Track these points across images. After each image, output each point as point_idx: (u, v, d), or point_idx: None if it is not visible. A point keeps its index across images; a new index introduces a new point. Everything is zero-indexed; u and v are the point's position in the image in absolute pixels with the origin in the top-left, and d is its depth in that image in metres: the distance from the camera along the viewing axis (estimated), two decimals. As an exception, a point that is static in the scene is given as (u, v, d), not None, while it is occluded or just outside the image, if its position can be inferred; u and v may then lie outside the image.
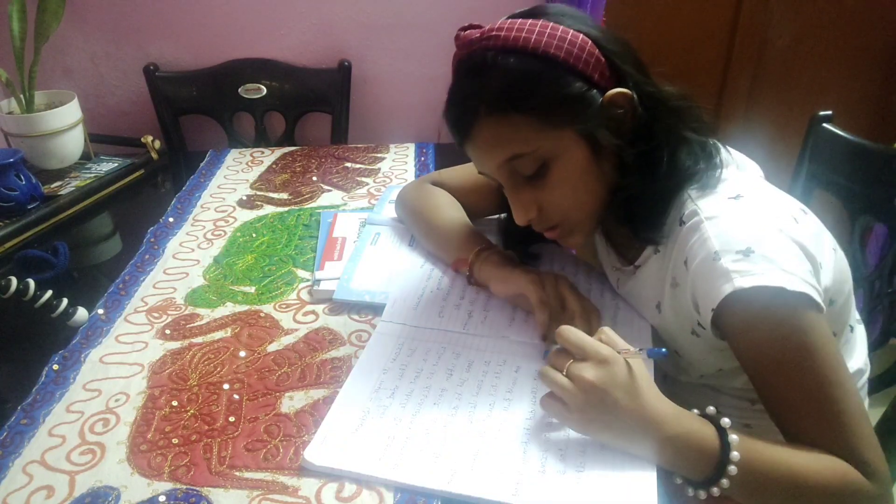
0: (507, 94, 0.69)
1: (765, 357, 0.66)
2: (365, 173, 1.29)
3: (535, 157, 0.72)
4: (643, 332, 0.82)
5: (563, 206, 0.75)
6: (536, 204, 0.75)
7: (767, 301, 0.63)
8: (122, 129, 1.47)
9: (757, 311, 0.64)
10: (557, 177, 0.73)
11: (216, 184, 1.26)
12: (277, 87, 1.63)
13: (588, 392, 0.61)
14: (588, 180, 0.74)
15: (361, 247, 1.00)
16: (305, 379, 0.78)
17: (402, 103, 1.71)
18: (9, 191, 1.12)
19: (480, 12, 1.59)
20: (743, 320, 0.66)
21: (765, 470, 0.62)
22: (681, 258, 0.72)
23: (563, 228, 0.78)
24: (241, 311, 0.90)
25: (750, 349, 0.67)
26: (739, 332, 0.67)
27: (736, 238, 0.66)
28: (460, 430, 0.68)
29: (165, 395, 0.75)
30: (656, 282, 0.78)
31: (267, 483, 0.65)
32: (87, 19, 1.55)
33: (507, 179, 0.75)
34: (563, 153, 0.71)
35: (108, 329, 0.86)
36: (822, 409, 0.64)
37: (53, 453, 0.68)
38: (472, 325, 0.83)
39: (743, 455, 0.60)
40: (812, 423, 0.64)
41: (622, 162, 0.73)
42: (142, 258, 1.02)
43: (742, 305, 0.64)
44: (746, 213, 0.69)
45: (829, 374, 0.63)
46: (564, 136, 0.70)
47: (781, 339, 0.64)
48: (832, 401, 0.63)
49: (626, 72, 0.71)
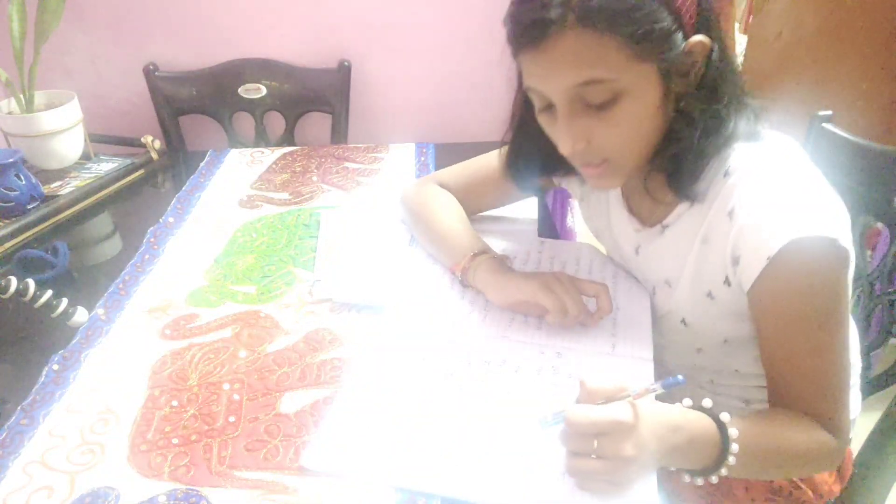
0: (609, 11, 0.62)
1: (795, 307, 0.68)
2: (365, 173, 1.29)
3: (612, 87, 0.66)
4: (643, 331, 0.82)
5: (616, 143, 0.71)
6: (589, 135, 0.70)
7: (823, 251, 0.65)
8: (121, 129, 1.47)
9: (810, 260, 0.66)
10: (624, 113, 0.68)
11: (216, 184, 1.26)
12: (277, 87, 1.63)
13: (630, 463, 0.58)
14: (650, 122, 0.70)
15: (361, 246, 1.00)
16: (305, 379, 0.78)
17: (402, 103, 1.71)
18: (8, 191, 1.12)
19: (480, 12, 1.59)
20: (792, 269, 0.66)
21: (759, 452, 0.66)
22: (723, 210, 0.71)
23: (608, 167, 0.73)
24: (241, 311, 0.90)
25: (783, 298, 0.68)
26: (783, 279, 0.67)
27: (791, 188, 0.68)
28: (460, 430, 0.68)
29: (165, 395, 0.75)
30: (684, 241, 0.78)
31: (267, 483, 0.65)
32: (87, 19, 1.55)
33: (568, 104, 0.68)
34: (638, 89, 0.67)
35: (108, 329, 0.86)
36: (818, 369, 0.69)
37: (53, 453, 0.68)
38: (472, 324, 0.83)
39: (741, 445, 0.62)
40: (804, 385, 0.70)
41: (682, 112, 0.70)
42: (142, 258, 1.02)
43: (797, 254, 0.65)
44: (798, 168, 0.70)
45: (839, 337, 0.69)
46: (646, 71, 0.66)
47: (821, 291, 0.67)
48: (829, 363, 0.69)
49: (711, 21, 0.68)
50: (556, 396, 0.72)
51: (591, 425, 0.57)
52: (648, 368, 0.76)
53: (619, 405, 0.58)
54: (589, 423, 0.57)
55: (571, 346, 0.79)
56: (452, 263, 0.90)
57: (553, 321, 0.79)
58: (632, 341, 0.80)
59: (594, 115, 0.68)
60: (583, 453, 0.58)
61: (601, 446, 0.57)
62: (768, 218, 0.67)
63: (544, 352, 0.79)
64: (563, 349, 0.79)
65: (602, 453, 0.57)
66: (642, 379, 0.74)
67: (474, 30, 1.61)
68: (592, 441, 0.57)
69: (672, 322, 0.84)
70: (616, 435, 0.57)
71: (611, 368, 0.76)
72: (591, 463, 0.58)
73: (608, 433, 0.57)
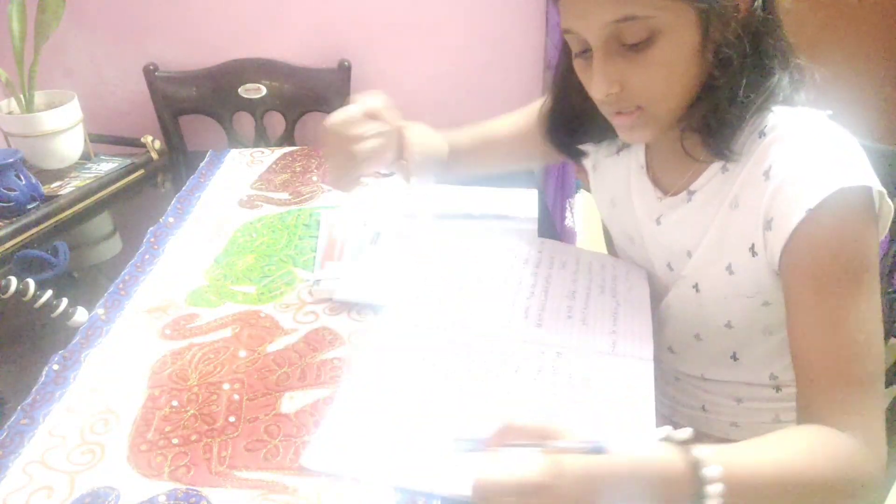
0: None
1: (829, 263, 0.64)
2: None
3: (648, 26, 0.65)
4: (644, 331, 0.82)
5: (652, 88, 0.69)
6: (623, 78, 0.68)
7: (865, 204, 0.64)
8: (122, 129, 1.47)
9: (854, 211, 0.64)
10: (660, 54, 0.66)
11: (216, 184, 1.26)
12: (277, 87, 1.63)
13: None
14: (687, 68, 0.68)
15: (361, 246, 1.00)
16: (305, 379, 0.78)
17: (402, 103, 1.70)
18: (8, 191, 1.12)
19: (480, 12, 1.60)
20: (835, 220, 0.64)
21: (758, 495, 0.55)
22: (758, 170, 0.70)
23: (642, 116, 0.71)
24: (241, 311, 0.90)
25: (820, 252, 0.64)
26: (821, 233, 0.64)
27: (832, 143, 0.66)
28: (460, 430, 0.68)
29: (165, 395, 0.75)
30: (711, 207, 0.76)
31: (267, 483, 0.65)
32: (87, 19, 1.55)
33: (604, 43, 0.67)
34: (676, 30, 0.65)
35: (108, 329, 0.86)
36: (847, 340, 0.62)
37: (53, 453, 0.68)
38: (472, 322, 0.83)
39: (729, 486, 0.52)
40: (830, 363, 0.62)
41: (723, 62, 0.68)
42: (142, 258, 1.02)
43: (840, 205, 0.63)
44: (837, 129, 0.69)
45: (872, 304, 0.63)
46: (684, 11, 0.64)
47: (859, 248, 0.64)
48: (861, 334, 0.62)
49: None
50: (555, 396, 0.73)
51: (497, 489, 0.49)
52: (648, 368, 0.76)
53: (534, 461, 0.50)
54: (494, 486, 0.50)
55: (571, 345, 0.79)
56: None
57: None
58: (632, 339, 0.80)
59: (630, 57, 0.67)
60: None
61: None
62: (808, 172, 0.65)
63: (544, 352, 0.79)
64: (563, 349, 0.79)
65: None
66: (642, 378, 0.74)
67: (474, 30, 1.61)
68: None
69: (682, 290, 0.83)
70: (529, 498, 0.49)
71: (611, 368, 0.76)
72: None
73: (519, 495, 0.49)
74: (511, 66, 1.69)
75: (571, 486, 0.49)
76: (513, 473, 0.49)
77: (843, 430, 0.59)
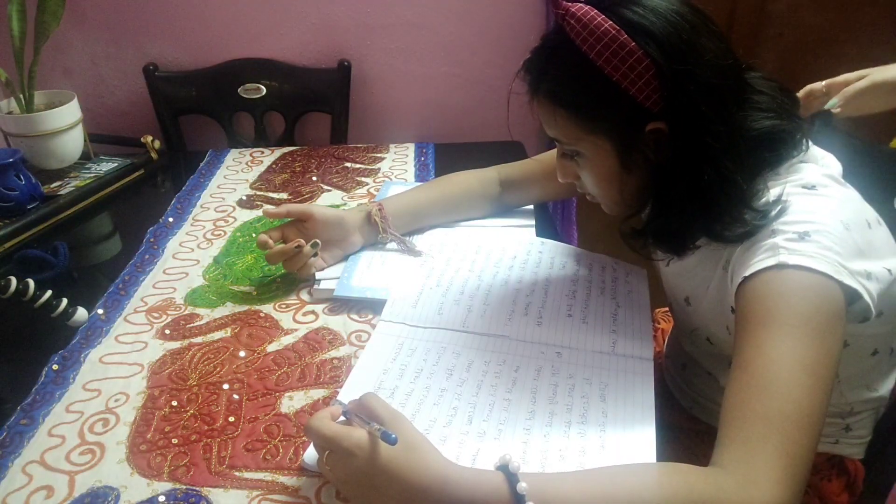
0: (558, 90, 0.73)
1: (759, 307, 0.63)
2: (365, 173, 1.29)
3: (571, 148, 0.77)
4: (644, 331, 0.82)
5: (592, 190, 0.80)
6: (574, 175, 0.81)
7: (807, 283, 0.62)
8: (121, 129, 1.47)
9: (791, 287, 0.62)
10: (587, 170, 0.77)
11: (216, 184, 1.26)
12: (277, 87, 1.63)
13: (349, 488, 0.60)
14: (614, 184, 0.76)
15: (361, 247, 1.00)
16: (305, 379, 0.78)
17: (402, 103, 1.70)
18: (9, 191, 1.12)
19: (480, 12, 1.60)
20: (772, 290, 0.63)
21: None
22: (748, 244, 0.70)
23: (598, 203, 0.82)
24: (241, 311, 0.90)
25: (759, 315, 0.62)
26: (760, 299, 0.63)
27: (797, 220, 0.66)
28: (460, 430, 0.68)
29: (165, 395, 0.75)
30: (708, 265, 0.78)
31: (267, 483, 0.65)
32: (87, 19, 1.55)
33: (557, 146, 0.81)
34: (593, 156, 0.75)
35: (107, 329, 0.86)
36: (753, 386, 0.59)
37: (53, 453, 0.68)
38: (472, 321, 0.83)
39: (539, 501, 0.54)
40: (737, 399, 0.59)
41: (660, 178, 0.72)
42: (142, 258, 1.02)
43: (777, 281, 0.63)
44: (815, 203, 0.69)
45: (797, 357, 0.59)
46: (598, 142, 0.73)
47: (798, 300, 0.61)
48: (794, 405, 0.57)
49: (683, 107, 0.67)
50: (555, 396, 0.73)
51: (317, 436, 0.60)
52: (648, 367, 0.76)
53: (355, 431, 0.58)
54: (315, 433, 0.60)
55: (572, 345, 0.80)
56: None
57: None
58: (632, 338, 0.80)
59: (577, 160, 0.78)
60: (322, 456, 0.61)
61: (327, 458, 0.60)
62: (760, 245, 0.66)
63: (544, 351, 0.79)
64: (563, 349, 0.79)
65: (328, 463, 0.60)
66: (642, 377, 0.75)
67: (474, 30, 1.61)
68: (323, 449, 0.60)
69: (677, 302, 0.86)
70: (336, 455, 0.58)
71: (611, 368, 0.76)
72: (323, 467, 0.61)
73: (327, 446, 0.59)
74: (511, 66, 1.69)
75: (370, 467, 0.56)
76: (336, 431, 0.58)
77: (723, 466, 0.56)
